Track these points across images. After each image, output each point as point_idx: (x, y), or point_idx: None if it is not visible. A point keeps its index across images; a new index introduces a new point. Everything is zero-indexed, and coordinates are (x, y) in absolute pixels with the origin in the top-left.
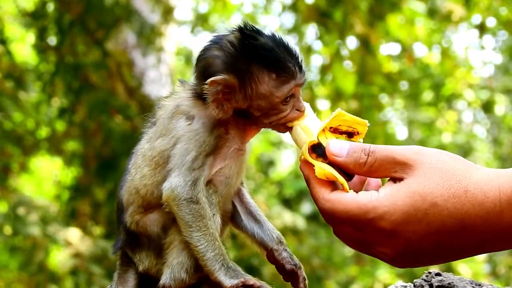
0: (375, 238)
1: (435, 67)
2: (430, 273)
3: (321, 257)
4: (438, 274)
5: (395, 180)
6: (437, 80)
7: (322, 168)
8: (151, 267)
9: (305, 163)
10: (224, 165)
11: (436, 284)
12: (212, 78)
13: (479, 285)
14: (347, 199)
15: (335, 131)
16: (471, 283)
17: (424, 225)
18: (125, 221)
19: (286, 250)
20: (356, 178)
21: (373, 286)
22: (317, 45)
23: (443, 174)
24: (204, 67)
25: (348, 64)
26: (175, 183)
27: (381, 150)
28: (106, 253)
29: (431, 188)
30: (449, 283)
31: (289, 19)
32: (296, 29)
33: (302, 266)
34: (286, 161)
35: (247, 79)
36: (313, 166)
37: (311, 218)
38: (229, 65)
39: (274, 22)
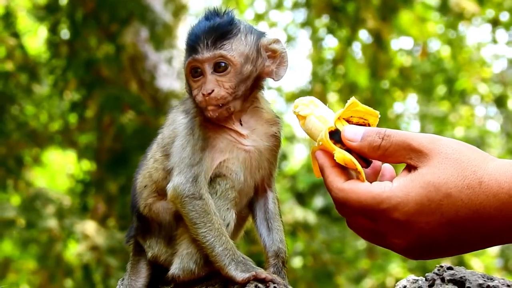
0: (388, 229)
1: (448, 62)
2: (442, 267)
3: (333, 251)
4: (450, 268)
5: (409, 168)
6: (450, 75)
7: (341, 153)
8: (160, 255)
9: (320, 151)
10: (225, 159)
11: (448, 278)
12: None
13: (491, 279)
14: (361, 189)
15: (347, 122)
16: (483, 277)
17: (438, 216)
18: (138, 205)
19: (276, 265)
20: (369, 169)
21: (385, 281)
22: (329, 39)
23: (458, 164)
24: None
25: (360, 58)
26: (176, 182)
27: (397, 135)
28: (122, 245)
29: (446, 179)
30: (460, 277)
31: (302, 13)
32: (308, 24)
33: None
34: (299, 155)
35: None
36: (329, 154)
37: (323, 212)
38: None
39: (286, 17)
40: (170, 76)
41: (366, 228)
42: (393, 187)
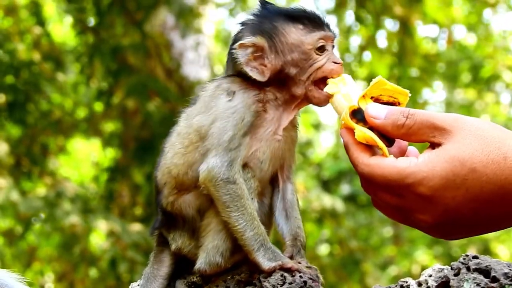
0: (414, 205)
1: (473, 49)
2: (467, 255)
3: (360, 238)
4: (475, 257)
5: (433, 145)
6: (476, 62)
7: (362, 132)
8: (184, 247)
9: (345, 129)
10: (259, 147)
11: (473, 267)
12: (239, 41)
13: None
14: (386, 164)
15: (376, 101)
16: (508, 266)
17: (463, 191)
18: (161, 202)
19: (294, 245)
20: (395, 148)
21: (411, 268)
22: (356, 26)
23: (482, 140)
24: (234, 40)
25: (386, 45)
26: (211, 164)
27: (421, 113)
28: (146, 239)
29: (470, 154)
30: (486, 266)
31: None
32: (334, 11)
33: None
34: (325, 143)
35: (274, 35)
36: (353, 131)
37: (349, 199)
38: (254, 29)
39: (311, 4)
40: (196, 63)
41: (392, 205)
42: (418, 162)
